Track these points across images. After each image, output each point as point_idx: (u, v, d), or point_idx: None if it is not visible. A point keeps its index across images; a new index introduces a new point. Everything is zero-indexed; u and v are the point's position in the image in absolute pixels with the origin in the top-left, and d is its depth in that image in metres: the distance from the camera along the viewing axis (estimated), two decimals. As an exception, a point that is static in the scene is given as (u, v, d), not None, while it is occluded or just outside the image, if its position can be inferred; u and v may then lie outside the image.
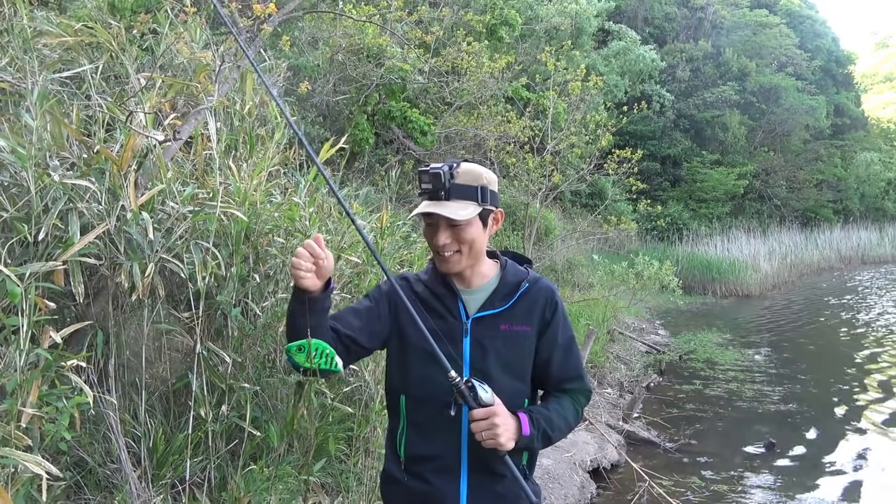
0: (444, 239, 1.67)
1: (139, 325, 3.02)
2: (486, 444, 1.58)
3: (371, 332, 1.76)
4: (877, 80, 57.59)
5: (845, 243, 25.28)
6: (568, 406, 1.78)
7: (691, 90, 25.12)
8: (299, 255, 1.53)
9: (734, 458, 5.87)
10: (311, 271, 1.54)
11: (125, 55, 3.32)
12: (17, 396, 2.05)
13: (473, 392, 1.58)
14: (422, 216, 1.69)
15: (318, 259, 1.54)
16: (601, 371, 8.02)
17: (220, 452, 3.07)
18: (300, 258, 1.52)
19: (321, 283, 1.59)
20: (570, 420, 1.77)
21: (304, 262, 1.53)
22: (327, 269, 1.58)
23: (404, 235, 5.09)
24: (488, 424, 1.57)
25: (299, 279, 1.54)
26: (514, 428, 1.61)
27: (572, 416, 1.79)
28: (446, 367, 1.58)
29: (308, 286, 1.55)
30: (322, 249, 1.54)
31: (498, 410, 1.59)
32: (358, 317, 1.75)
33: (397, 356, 1.79)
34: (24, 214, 2.47)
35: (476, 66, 9.07)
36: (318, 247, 1.54)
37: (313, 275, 1.55)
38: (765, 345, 10.90)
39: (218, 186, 3.18)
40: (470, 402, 1.58)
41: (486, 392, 1.59)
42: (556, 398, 1.79)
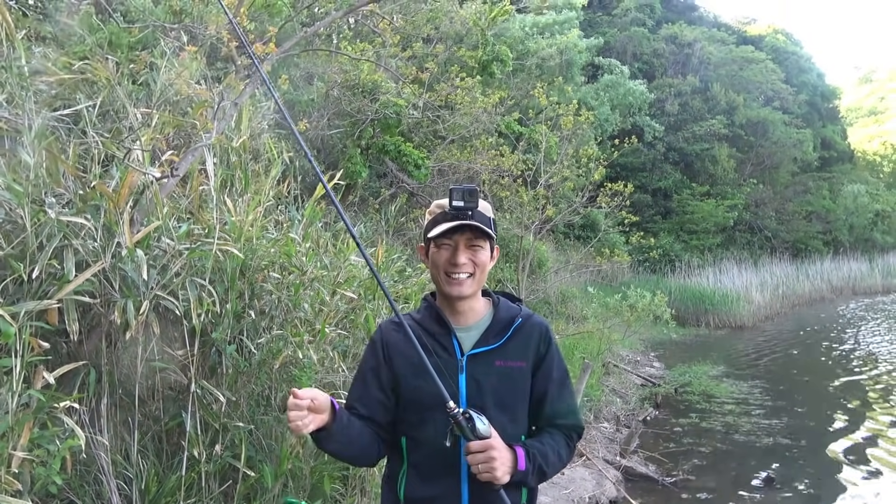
0: (463, 258, 1.70)
1: (132, 362, 2.98)
2: (481, 477, 1.57)
3: (386, 407, 1.78)
4: (861, 113, 58.68)
5: (836, 274, 25.42)
6: (562, 442, 1.78)
7: (680, 124, 25.49)
8: (290, 417, 1.56)
9: (733, 493, 5.79)
10: (309, 420, 1.57)
11: (122, 90, 3.34)
12: (7, 440, 2.01)
13: (471, 424, 1.57)
14: (434, 239, 1.71)
15: (307, 406, 1.57)
16: (597, 405, 7.95)
17: (214, 494, 3.01)
18: (293, 419, 1.55)
19: (327, 416, 1.62)
20: (563, 456, 1.77)
21: (298, 421, 1.56)
22: (322, 404, 1.60)
23: (399, 270, 5.08)
24: (485, 458, 1.56)
25: (304, 430, 1.57)
26: (510, 461, 1.61)
27: (566, 452, 1.79)
28: (445, 397, 1.58)
29: (316, 427, 1.60)
30: (304, 397, 1.56)
31: (495, 443, 1.58)
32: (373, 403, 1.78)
33: (396, 397, 1.78)
34: (18, 252, 2.45)
35: (470, 101, 9.17)
36: (299, 400, 1.56)
37: (312, 418, 1.58)
38: (760, 377, 10.86)
39: (214, 223, 3.18)
40: (467, 434, 1.57)
41: (484, 424, 1.58)
42: (550, 433, 1.79)
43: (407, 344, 1.74)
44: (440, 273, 1.74)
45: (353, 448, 1.73)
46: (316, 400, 1.57)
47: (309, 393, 1.57)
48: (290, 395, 1.55)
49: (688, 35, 28.59)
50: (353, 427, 1.69)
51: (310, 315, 3.60)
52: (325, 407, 1.61)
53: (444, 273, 1.73)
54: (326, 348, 3.68)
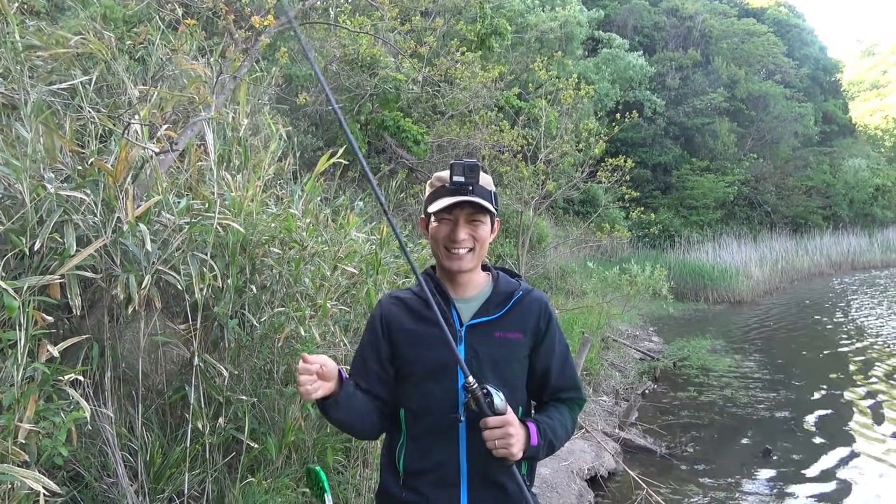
0: (463, 234, 1.70)
1: (135, 337, 2.99)
2: (497, 454, 1.57)
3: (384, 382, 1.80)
4: (863, 87, 58.23)
5: (835, 249, 25.43)
6: (567, 415, 1.80)
7: (681, 98, 25.31)
8: (300, 381, 1.58)
9: (731, 464, 5.87)
10: (318, 386, 1.59)
11: (119, 65, 3.31)
12: (14, 412, 2.03)
13: (489, 399, 1.58)
14: (435, 213, 1.72)
15: (316, 371, 1.59)
16: (596, 379, 8.01)
17: (218, 465, 3.04)
18: (303, 383, 1.57)
19: (334, 385, 1.64)
20: (569, 429, 1.80)
21: (308, 385, 1.58)
22: (330, 371, 1.63)
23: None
24: (503, 433, 1.56)
25: (313, 395, 1.59)
26: (524, 438, 1.62)
27: (571, 425, 1.81)
28: (466, 371, 1.59)
29: (324, 395, 1.62)
30: (314, 362, 1.58)
31: (511, 419, 1.59)
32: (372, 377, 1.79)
33: (396, 369, 1.79)
34: (19, 227, 2.45)
35: (469, 75, 9.10)
36: (309, 364, 1.58)
37: (321, 384, 1.60)
38: (758, 351, 10.94)
39: (214, 197, 3.17)
40: (485, 410, 1.57)
41: (501, 400, 1.59)
42: (556, 407, 1.81)
43: (407, 317, 1.78)
44: (440, 247, 1.74)
45: (356, 419, 1.74)
46: (325, 366, 1.60)
47: (318, 358, 1.59)
48: (301, 360, 1.57)
49: (689, 8, 28.24)
50: (357, 398, 1.71)
51: (311, 290, 3.61)
52: (334, 375, 1.63)
53: (443, 248, 1.73)
54: (328, 323, 3.69)
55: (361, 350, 1.84)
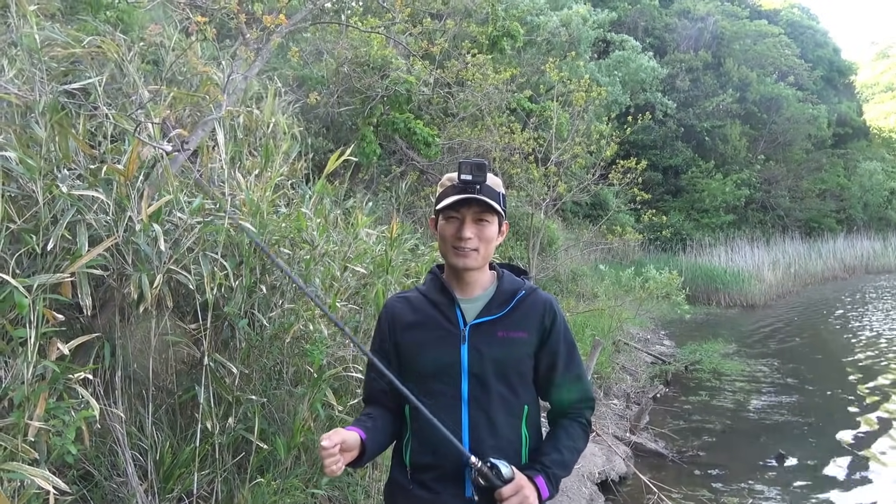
0: (469, 232, 1.71)
1: (146, 336, 3.00)
2: None
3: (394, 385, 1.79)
4: (878, 89, 57.75)
5: (849, 253, 25.22)
6: (578, 432, 1.81)
7: (692, 100, 25.16)
8: (326, 463, 1.56)
9: (744, 470, 5.81)
10: (342, 463, 1.60)
11: (132, 67, 3.32)
12: (24, 409, 2.03)
13: (496, 470, 1.60)
14: (442, 211, 1.74)
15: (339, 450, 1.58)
16: (607, 382, 7.97)
17: (227, 465, 3.04)
18: (328, 465, 1.56)
19: (357, 451, 1.66)
20: (581, 448, 1.81)
21: (333, 465, 1.57)
22: (351, 444, 1.63)
23: (412, 248, 5.08)
24: (520, 498, 1.59)
25: (338, 472, 1.59)
26: (535, 493, 1.64)
27: (582, 441, 1.82)
28: (467, 455, 1.62)
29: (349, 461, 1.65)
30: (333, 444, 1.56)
31: (522, 482, 1.62)
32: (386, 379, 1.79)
33: (399, 370, 1.80)
34: (32, 226, 2.46)
35: (481, 77, 9.09)
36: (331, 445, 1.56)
37: (344, 459, 1.61)
38: (770, 355, 10.84)
39: (226, 197, 3.17)
40: (495, 482, 1.60)
41: (506, 467, 1.62)
42: (564, 428, 1.81)
43: (412, 316, 1.81)
44: (447, 245, 1.76)
45: (380, 451, 1.81)
46: (345, 443, 1.60)
47: (336, 438, 1.58)
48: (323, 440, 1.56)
49: (701, 9, 28.08)
50: (379, 438, 1.75)
51: (321, 290, 3.60)
52: (355, 445, 1.65)
53: (450, 245, 1.74)
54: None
55: (373, 352, 1.86)
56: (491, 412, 1.72)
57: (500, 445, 1.71)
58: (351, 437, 1.63)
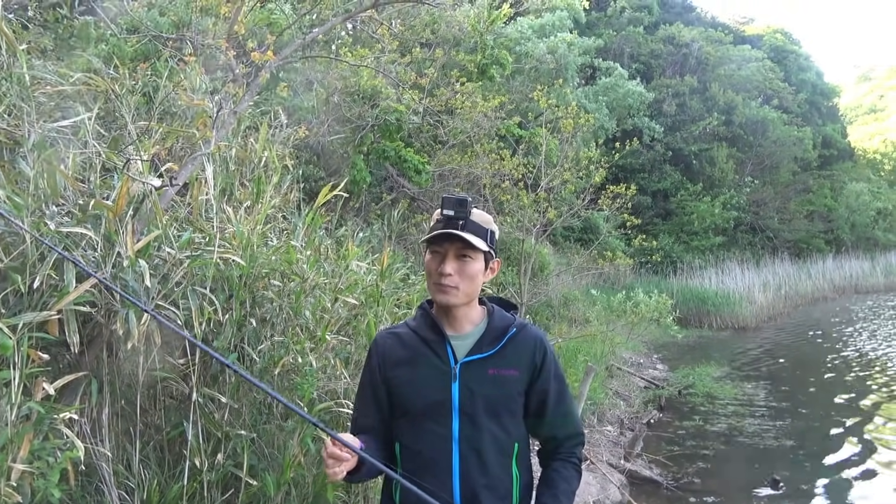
0: (450, 268, 1.70)
1: (134, 372, 2.97)
2: None
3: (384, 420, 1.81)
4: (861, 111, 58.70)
5: (838, 273, 25.38)
6: (571, 473, 1.82)
7: (679, 124, 25.45)
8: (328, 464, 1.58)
9: (739, 496, 5.77)
10: (344, 469, 1.60)
11: (122, 103, 3.34)
12: (7, 452, 2.00)
13: None
14: (427, 244, 1.74)
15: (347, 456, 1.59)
16: (601, 408, 7.93)
17: (216, 503, 3.00)
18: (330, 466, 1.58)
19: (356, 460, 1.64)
20: (575, 488, 1.82)
21: (335, 468, 1.58)
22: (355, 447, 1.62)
23: (403, 277, 5.08)
24: None
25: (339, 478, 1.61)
26: None
27: (576, 481, 1.83)
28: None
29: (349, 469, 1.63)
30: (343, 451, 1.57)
31: None
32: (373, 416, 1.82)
33: (390, 406, 1.80)
34: (19, 264, 2.45)
35: (470, 105, 9.18)
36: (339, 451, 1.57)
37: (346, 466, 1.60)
38: (763, 377, 10.83)
39: (214, 231, 3.17)
40: None
41: None
42: (558, 472, 1.81)
43: (402, 353, 1.79)
44: (430, 280, 1.76)
45: (375, 474, 1.79)
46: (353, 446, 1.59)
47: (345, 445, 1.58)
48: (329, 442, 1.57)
49: (685, 35, 28.56)
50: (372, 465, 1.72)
51: (311, 322, 3.59)
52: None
53: (433, 281, 1.74)
54: (328, 355, 3.67)
55: (362, 388, 1.86)
56: (482, 451, 1.71)
57: (491, 484, 1.70)
58: (354, 444, 1.60)
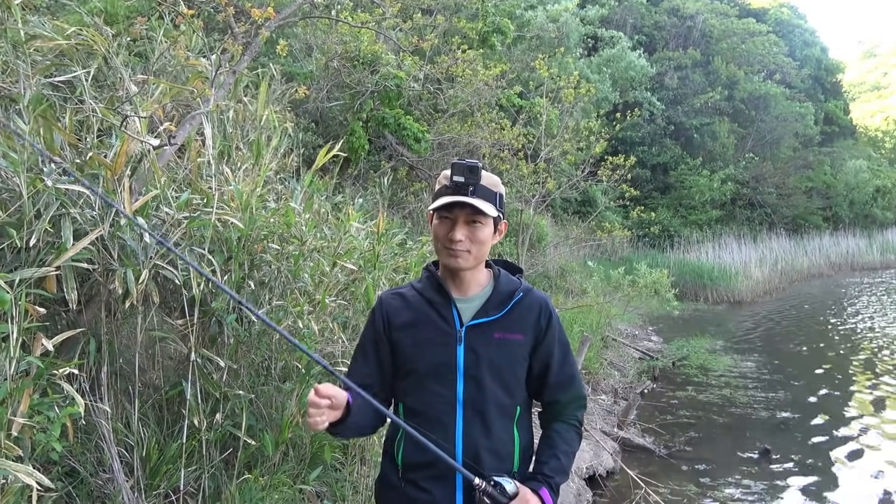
0: (460, 235, 1.69)
1: (132, 332, 2.98)
2: None
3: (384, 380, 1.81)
4: (864, 88, 58.33)
5: (835, 250, 25.45)
6: (572, 437, 1.82)
7: (680, 98, 25.25)
8: (310, 413, 1.56)
9: (729, 464, 5.86)
10: (325, 418, 1.57)
11: (118, 60, 3.29)
12: (7, 405, 2.01)
13: (500, 488, 1.61)
14: (436, 211, 1.71)
15: (327, 403, 1.56)
16: (595, 378, 8.00)
17: (215, 462, 3.03)
18: (312, 415, 1.55)
19: (341, 412, 1.62)
20: (576, 450, 1.82)
21: (317, 417, 1.55)
22: (339, 402, 1.60)
23: (400, 242, 5.07)
24: None
25: (320, 427, 1.57)
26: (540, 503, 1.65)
27: (577, 443, 1.83)
28: (469, 477, 1.60)
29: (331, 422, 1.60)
30: (324, 394, 1.55)
31: (526, 495, 1.63)
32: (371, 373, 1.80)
33: (394, 367, 1.80)
34: (15, 220, 2.43)
35: (471, 73, 9.08)
36: (320, 400, 1.55)
37: (328, 415, 1.58)
38: (757, 351, 10.93)
39: (213, 192, 3.15)
40: (501, 500, 1.60)
41: (510, 483, 1.63)
42: (559, 433, 1.81)
43: (407, 314, 1.78)
44: (440, 245, 1.74)
45: (361, 431, 1.78)
46: (335, 398, 1.58)
47: (329, 391, 1.56)
48: (313, 391, 1.55)
49: (690, 7, 28.16)
50: (362, 413, 1.70)
51: (310, 286, 3.59)
52: (342, 403, 1.62)
53: (442, 246, 1.73)
54: (326, 319, 3.68)
55: (362, 345, 1.84)
56: (486, 413, 1.72)
57: (493, 446, 1.72)
58: (341, 395, 1.59)
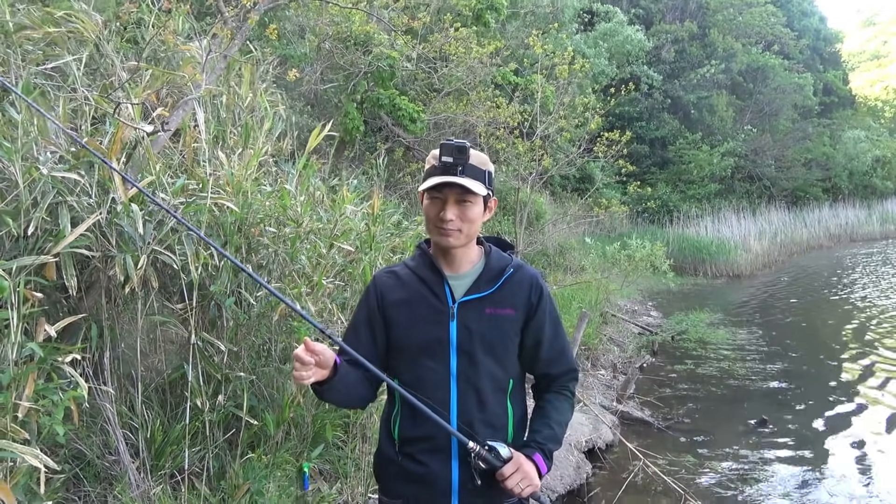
0: (451, 214, 1.72)
1: (133, 317, 3.02)
2: (525, 493, 1.66)
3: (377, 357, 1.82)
4: (863, 58, 57.81)
5: (834, 221, 25.47)
6: (565, 405, 1.88)
7: (678, 72, 25.05)
8: (296, 367, 1.59)
9: (727, 435, 5.94)
10: (311, 374, 1.60)
11: (109, 46, 3.29)
12: (12, 390, 2.06)
13: (495, 452, 1.66)
14: (426, 191, 1.74)
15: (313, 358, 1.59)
16: (594, 353, 8.07)
17: (218, 442, 3.09)
18: (298, 369, 1.58)
19: (328, 372, 1.65)
20: (568, 419, 1.88)
21: (302, 371, 1.58)
22: (326, 361, 1.63)
23: (396, 223, 5.10)
24: (522, 474, 1.66)
25: (305, 381, 1.60)
26: (534, 468, 1.70)
27: (569, 413, 1.89)
28: (464, 440, 1.65)
29: (317, 381, 1.64)
30: (312, 350, 1.59)
31: (520, 460, 1.68)
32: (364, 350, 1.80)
33: (389, 343, 1.83)
34: (12, 209, 2.46)
35: (465, 51, 9.03)
36: (307, 352, 1.58)
37: (315, 372, 1.61)
38: (756, 323, 11.00)
39: (207, 177, 3.18)
40: (495, 464, 1.65)
41: (504, 448, 1.68)
42: (551, 403, 1.87)
43: (401, 292, 1.82)
44: (431, 224, 1.77)
45: (347, 398, 1.81)
46: (322, 355, 1.61)
47: (317, 347, 1.60)
48: (302, 346, 1.59)
49: (686, -22, 27.83)
50: (349, 378, 1.74)
51: (307, 268, 3.63)
52: (329, 363, 1.65)
53: (433, 225, 1.76)
54: (324, 300, 3.72)
55: (355, 323, 1.87)
56: (479, 387, 1.76)
57: (487, 419, 1.76)
58: (329, 354, 1.63)
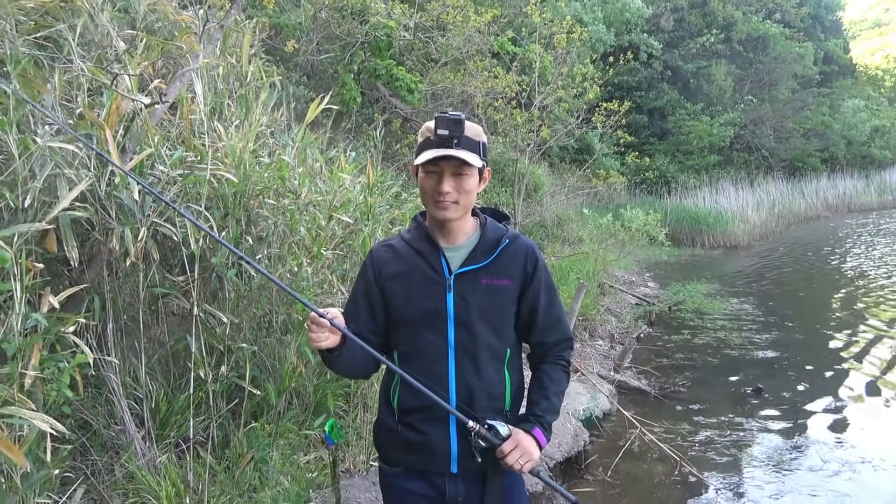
0: (448, 186, 1.73)
1: (135, 289, 3.04)
2: (525, 468, 1.70)
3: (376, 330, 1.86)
4: (865, 26, 57.17)
5: (831, 192, 25.46)
6: (561, 375, 1.91)
7: (677, 41, 24.79)
8: (312, 329, 1.67)
9: (723, 403, 6.02)
10: (326, 337, 1.68)
11: (104, 17, 3.25)
12: (17, 360, 2.08)
13: (494, 430, 1.69)
14: (423, 164, 1.75)
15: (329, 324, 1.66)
16: (592, 324, 8.13)
17: (222, 412, 3.13)
18: (314, 331, 1.67)
19: (339, 338, 1.71)
20: (564, 389, 1.91)
21: (318, 333, 1.66)
22: (339, 324, 1.69)
23: (395, 195, 5.09)
24: (521, 450, 1.69)
25: (321, 345, 1.68)
26: (534, 443, 1.74)
27: (565, 382, 1.92)
28: (464, 420, 1.69)
29: (331, 346, 1.70)
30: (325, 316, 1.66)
31: (519, 437, 1.71)
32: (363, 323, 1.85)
33: (388, 315, 1.86)
34: (10, 181, 2.46)
35: (462, 20, 8.93)
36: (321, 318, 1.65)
37: (329, 336, 1.68)
38: (752, 293, 11.06)
39: (206, 149, 3.16)
40: (495, 442, 1.69)
41: (503, 426, 1.71)
42: (547, 374, 1.89)
43: (398, 264, 1.84)
44: (427, 197, 1.78)
45: (354, 367, 1.85)
46: (336, 319, 1.68)
47: (331, 311, 1.67)
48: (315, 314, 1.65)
49: (687, -55, 27.36)
50: (356, 347, 1.76)
51: (307, 239, 3.64)
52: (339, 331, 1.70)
53: (430, 198, 1.77)
54: (324, 271, 3.74)
55: (354, 296, 1.89)
56: (477, 357, 1.78)
57: (485, 387, 1.79)
58: (340, 322, 1.70)
